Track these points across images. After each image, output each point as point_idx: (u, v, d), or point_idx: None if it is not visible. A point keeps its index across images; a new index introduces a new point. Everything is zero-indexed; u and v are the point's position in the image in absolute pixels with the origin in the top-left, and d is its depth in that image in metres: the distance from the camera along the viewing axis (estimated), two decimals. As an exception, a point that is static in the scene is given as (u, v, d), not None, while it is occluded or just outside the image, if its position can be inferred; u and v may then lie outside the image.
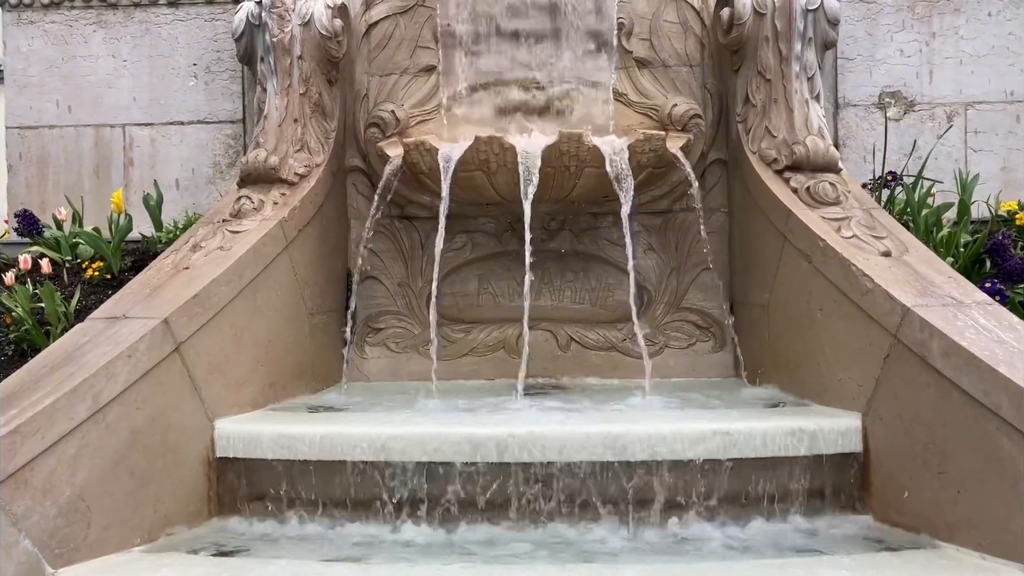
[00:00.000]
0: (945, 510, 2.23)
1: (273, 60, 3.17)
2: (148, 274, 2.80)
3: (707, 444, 2.35)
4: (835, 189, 2.89)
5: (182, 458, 2.46)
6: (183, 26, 3.81)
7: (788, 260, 2.86)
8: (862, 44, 3.61)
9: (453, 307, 3.44)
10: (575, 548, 2.27)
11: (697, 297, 3.40)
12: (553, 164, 2.93)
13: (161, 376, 2.43)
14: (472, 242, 3.47)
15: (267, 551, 2.30)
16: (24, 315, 3.08)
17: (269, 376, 2.84)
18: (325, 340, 3.23)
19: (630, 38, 3.38)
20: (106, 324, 2.51)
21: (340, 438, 2.41)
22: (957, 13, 3.61)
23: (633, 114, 3.36)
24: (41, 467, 2.12)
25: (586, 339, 3.41)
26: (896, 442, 2.37)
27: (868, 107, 3.62)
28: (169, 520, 2.40)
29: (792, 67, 3.05)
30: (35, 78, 3.86)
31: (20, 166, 3.88)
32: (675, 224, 3.41)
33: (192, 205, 3.74)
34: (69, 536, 2.16)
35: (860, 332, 2.52)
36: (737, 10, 3.08)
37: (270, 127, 3.16)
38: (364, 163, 3.44)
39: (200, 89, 3.80)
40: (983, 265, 3.08)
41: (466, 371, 3.39)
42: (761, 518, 2.40)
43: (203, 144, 3.80)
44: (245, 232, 2.88)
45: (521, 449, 2.33)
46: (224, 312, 2.66)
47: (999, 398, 2.10)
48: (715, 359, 3.37)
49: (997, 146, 3.60)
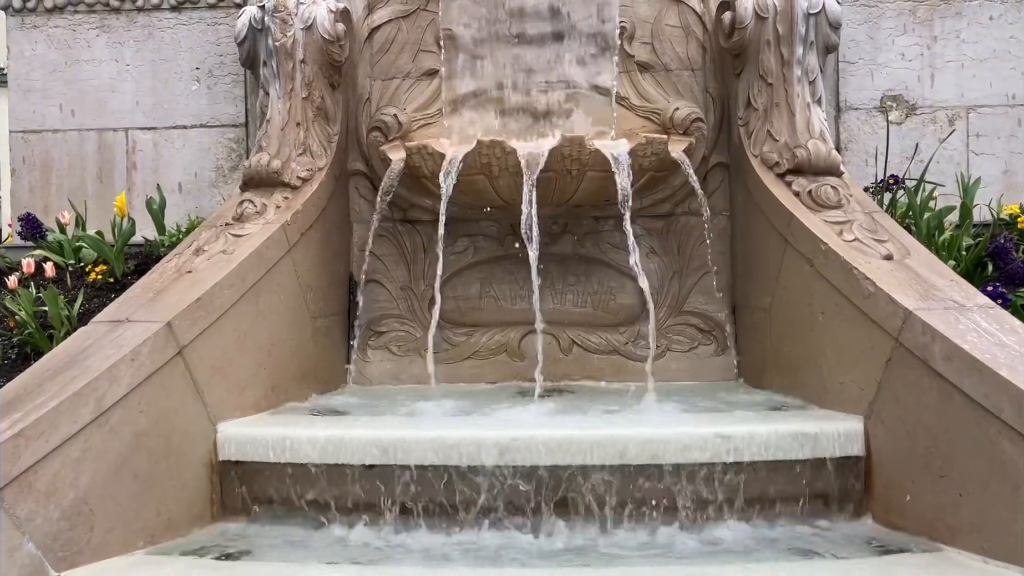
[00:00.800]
0: (947, 513, 2.23)
1: (276, 64, 3.17)
2: (151, 278, 2.80)
3: (709, 448, 2.35)
4: (837, 193, 2.89)
5: (185, 461, 2.46)
6: (186, 30, 3.82)
7: (790, 263, 2.86)
8: (864, 48, 3.62)
9: (455, 310, 3.44)
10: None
11: (699, 301, 3.40)
12: (555, 168, 2.93)
13: (164, 380, 2.43)
14: (474, 245, 3.47)
15: (270, 554, 2.30)
16: (27, 319, 3.09)
17: (271, 379, 2.85)
18: (327, 343, 3.24)
19: (632, 42, 3.38)
20: (109, 328, 2.52)
21: (343, 441, 2.41)
22: (958, 17, 3.62)
23: (635, 118, 3.37)
24: (45, 470, 2.13)
25: (588, 342, 3.41)
26: (898, 445, 2.37)
27: (870, 111, 3.62)
28: (172, 523, 2.40)
29: (794, 71, 3.05)
30: (38, 82, 3.87)
31: (23, 170, 3.90)
32: (677, 227, 3.41)
33: (195, 209, 3.75)
34: (72, 539, 2.16)
35: (862, 335, 2.52)
36: (739, 14, 3.09)
37: (273, 131, 3.16)
38: (366, 167, 3.44)
39: (203, 93, 3.81)
40: (985, 269, 3.08)
41: (468, 374, 3.39)
42: (762, 521, 2.40)
43: (206, 148, 3.81)
44: (248, 236, 2.89)
45: (526, 452, 2.34)
46: (227, 316, 2.67)
47: (1001, 401, 2.10)
48: (717, 362, 3.37)
49: (999, 150, 3.61)
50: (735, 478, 2.38)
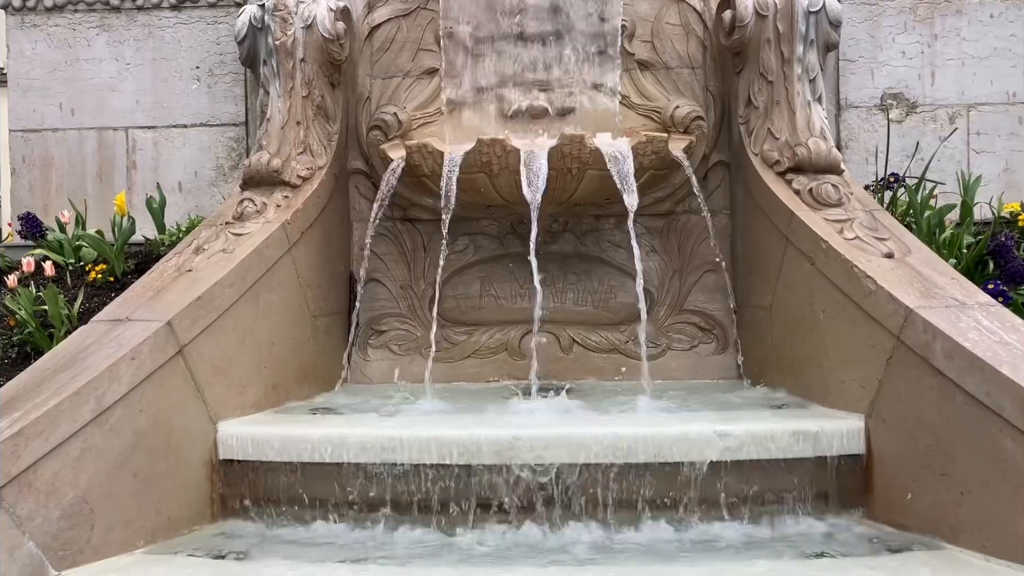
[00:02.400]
0: (948, 512, 2.23)
1: (276, 63, 3.17)
2: (151, 277, 2.80)
3: (709, 446, 2.35)
4: (837, 191, 2.89)
5: (185, 460, 2.46)
6: (186, 29, 3.81)
7: (791, 262, 2.86)
8: (864, 46, 3.61)
9: (455, 309, 3.44)
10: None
11: (699, 299, 3.40)
12: (555, 166, 2.93)
13: (164, 378, 2.43)
14: (474, 244, 3.47)
15: (269, 553, 2.30)
16: (27, 318, 3.09)
17: (272, 378, 2.85)
18: (328, 342, 3.24)
19: (632, 40, 3.38)
20: (109, 327, 2.52)
21: (343, 440, 2.41)
22: (959, 15, 3.61)
23: (635, 116, 3.37)
24: (45, 469, 2.13)
25: (588, 341, 3.41)
26: (899, 444, 2.37)
27: (870, 109, 3.62)
28: (172, 522, 2.40)
29: (794, 69, 3.05)
30: (38, 81, 3.87)
31: (23, 169, 3.89)
32: (677, 226, 3.41)
33: (195, 208, 3.75)
34: (73, 538, 2.16)
35: (863, 334, 2.52)
36: (739, 12, 3.08)
37: (273, 130, 3.16)
38: (366, 165, 3.44)
39: (203, 92, 3.81)
40: (986, 267, 3.08)
41: (469, 373, 3.39)
42: (763, 519, 2.40)
43: (206, 147, 3.80)
44: (248, 235, 2.89)
45: (526, 451, 2.34)
46: (227, 314, 2.66)
47: (1002, 399, 2.10)
48: (718, 361, 3.37)
49: (999, 148, 3.60)
50: (736, 476, 2.38)
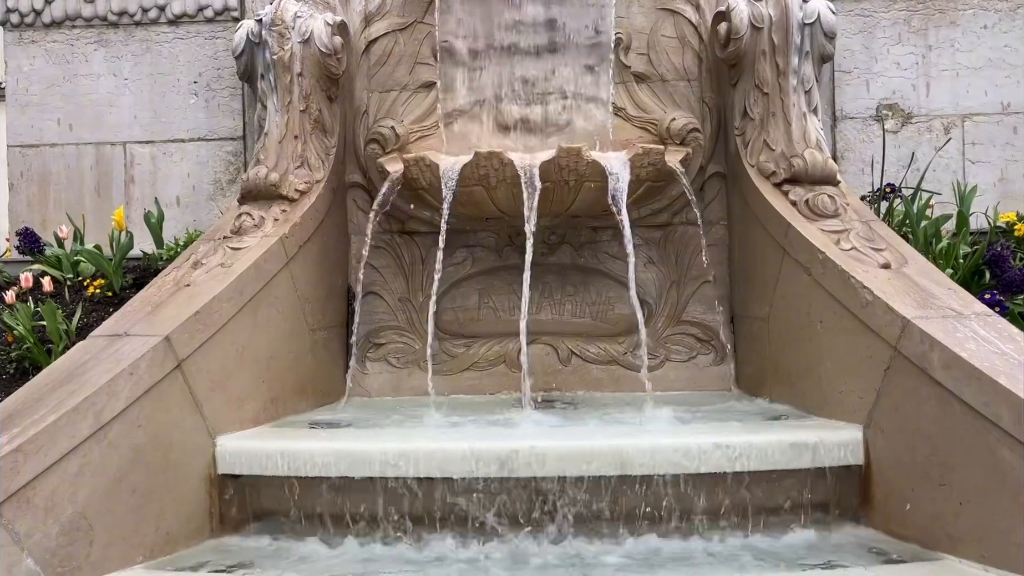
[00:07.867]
0: (947, 522, 2.23)
1: (273, 77, 3.18)
2: (149, 291, 2.80)
3: (708, 458, 2.35)
4: (834, 201, 2.90)
5: (184, 475, 2.46)
6: (183, 44, 3.83)
7: (788, 273, 2.86)
8: (859, 57, 3.63)
9: (454, 322, 3.45)
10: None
11: (697, 310, 3.40)
12: (552, 179, 2.94)
13: (163, 393, 2.43)
14: (472, 257, 3.48)
15: (269, 568, 2.29)
16: (25, 333, 3.08)
17: (270, 392, 2.85)
18: (326, 356, 3.24)
19: (628, 53, 3.40)
20: (108, 342, 2.52)
21: (342, 454, 2.41)
22: (953, 26, 3.63)
23: (632, 128, 3.38)
24: (43, 485, 2.12)
25: (587, 353, 3.41)
26: (897, 454, 2.37)
27: (866, 120, 3.63)
28: (171, 537, 2.39)
29: (790, 80, 3.06)
30: (36, 97, 3.88)
31: (21, 184, 3.90)
32: (675, 237, 3.42)
33: (193, 222, 3.75)
34: (71, 554, 2.15)
35: (860, 344, 2.52)
36: (734, 24, 3.10)
37: (270, 144, 3.17)
38: (364, 179, 3.45)
39: (200, 107, 3.82)
40: (982, 276, 3.08)
41: (467, 386, 3.39)
42: (762, 530, 2.40)
43: (204, 161, 3.81)
44: (246, 249, 2.89)
45: (525, 464, 2.34)
46: (225, 329, 2.67)
47: (1000, 409, 2.10)
48: (716, 372, 3.37)
49: (995, 157, 3.62)
50: (734, 488, 2.38)
